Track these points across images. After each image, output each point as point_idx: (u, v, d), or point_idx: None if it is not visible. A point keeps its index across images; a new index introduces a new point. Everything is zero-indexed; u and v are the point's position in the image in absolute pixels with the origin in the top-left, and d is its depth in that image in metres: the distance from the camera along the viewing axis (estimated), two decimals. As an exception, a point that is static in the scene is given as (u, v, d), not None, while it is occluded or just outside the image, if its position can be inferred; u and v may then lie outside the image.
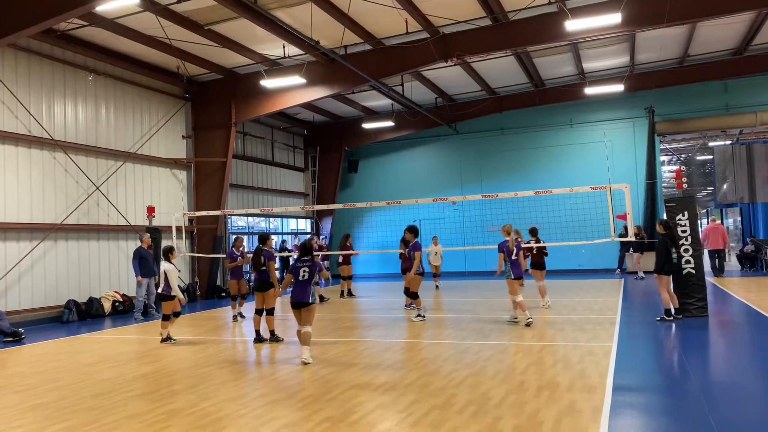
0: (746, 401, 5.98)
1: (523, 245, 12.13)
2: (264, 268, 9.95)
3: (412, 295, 12.03)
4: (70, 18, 12.09)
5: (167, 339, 10.23)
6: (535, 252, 13.08)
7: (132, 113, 16.70)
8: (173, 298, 10.10)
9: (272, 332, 9.96)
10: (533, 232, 13.26)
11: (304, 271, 8.18)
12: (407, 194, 22.26)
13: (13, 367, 8.85)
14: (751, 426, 5.23)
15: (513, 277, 10.76)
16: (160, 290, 10.24)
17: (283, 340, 9.97)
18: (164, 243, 15.59)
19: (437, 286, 18.15)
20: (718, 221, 21.17)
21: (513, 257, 10.82)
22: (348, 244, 17.56)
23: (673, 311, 10.70)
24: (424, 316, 11.79)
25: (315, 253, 8.62)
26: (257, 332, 10.04)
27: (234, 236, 16.83)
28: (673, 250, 10.60)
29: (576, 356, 7.91)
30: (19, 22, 11.02)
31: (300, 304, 8.13)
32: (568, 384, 6.50)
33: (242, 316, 13.02)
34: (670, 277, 10.73)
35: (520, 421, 5.29)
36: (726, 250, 21.19)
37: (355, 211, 25.20)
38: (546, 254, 13.29)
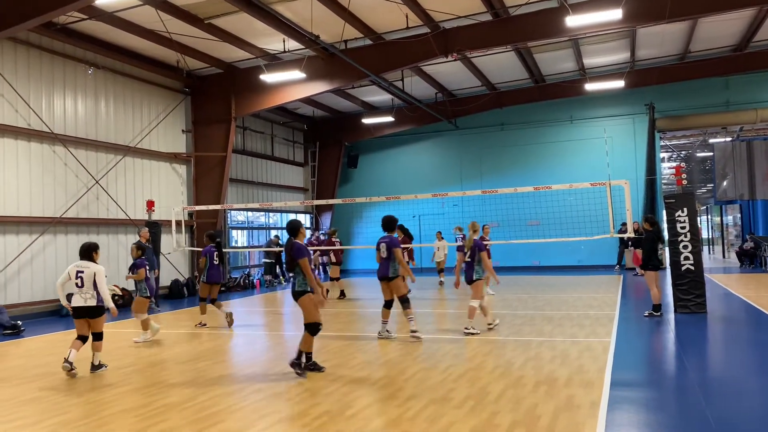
0: (744, 397, 5.98)
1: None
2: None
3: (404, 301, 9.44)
4: (70, 11, 12.09)
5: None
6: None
7: (132, 107, 16.66)
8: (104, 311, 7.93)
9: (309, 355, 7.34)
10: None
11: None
12: (407, 189, 22.24)
13: (12, 361, 8.86)
14: (749, 422, 5.23)
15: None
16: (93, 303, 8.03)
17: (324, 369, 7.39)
18: (164, 237, 15.62)
19: (441, 282, 18.08)
20: None
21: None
22: (334, 240, 16.43)
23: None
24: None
25: (314, 249, 8.47)
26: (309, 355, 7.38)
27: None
28: (660, 246, 10.77)
29: (574, 352, 7.92)
30: (18, 16, 10.96)
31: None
32: (566, 379, 6.50)
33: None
34: (658, 272, 10.82)
35: (517, 416, 5.29)
36: None
37: (355, 206, 25.15)
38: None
